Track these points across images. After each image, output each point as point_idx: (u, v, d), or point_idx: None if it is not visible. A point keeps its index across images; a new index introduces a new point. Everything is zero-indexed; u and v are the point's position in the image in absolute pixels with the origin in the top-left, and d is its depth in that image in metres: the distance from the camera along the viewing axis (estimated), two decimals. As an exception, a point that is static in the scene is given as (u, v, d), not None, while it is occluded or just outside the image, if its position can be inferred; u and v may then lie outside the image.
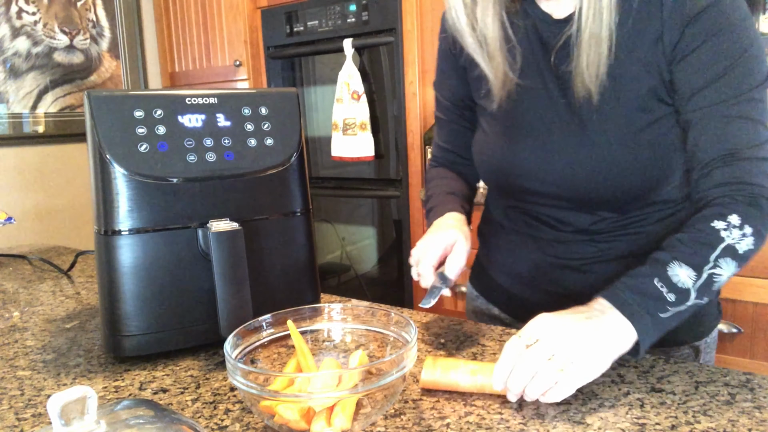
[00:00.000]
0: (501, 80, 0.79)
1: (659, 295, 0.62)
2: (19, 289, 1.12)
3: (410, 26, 2.11)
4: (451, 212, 0.84)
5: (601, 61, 0.71)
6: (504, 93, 0.80)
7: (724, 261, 0.63)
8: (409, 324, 0.61)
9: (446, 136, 0.97)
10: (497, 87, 0.80)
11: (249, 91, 0.78)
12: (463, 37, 0.80)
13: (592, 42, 0.71)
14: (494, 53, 0.78)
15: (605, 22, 0.70)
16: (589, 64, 0.72)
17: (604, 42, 0.71)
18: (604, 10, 0.69)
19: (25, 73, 2.48)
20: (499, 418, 0.57)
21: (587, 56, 0.71)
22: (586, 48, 0.71)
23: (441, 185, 0.93)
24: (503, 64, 0.78)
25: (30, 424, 0.60)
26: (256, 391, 0.52)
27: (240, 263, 0.70)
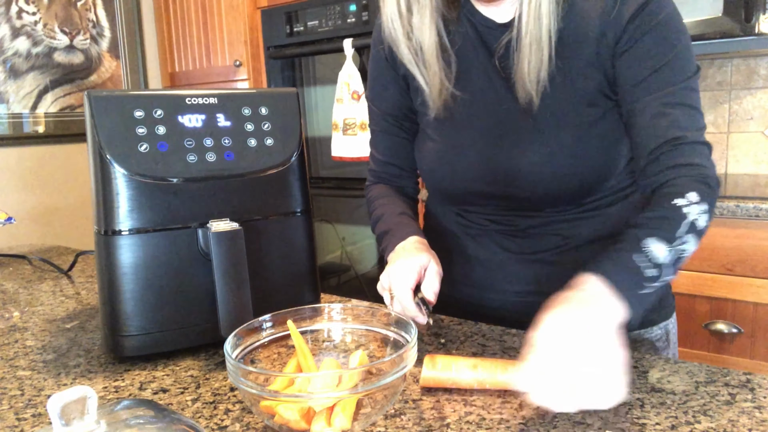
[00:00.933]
0: (437, 89, 0.80)
1: (638, 270, 0.63)
2: (19, 289, 1.12)
3: (410, 26, 2.11)
4: (412, 236, 0.81)
5: (542, 65, 0.73)
6: (440, 101, 0.81)
7: (688, 236, 0.65)
8: (409, 324, 0.61)
9: (385, 149, 0.95)
10: (434, 95, 0.81)
11: (249, 91, 0.78)
12: (398, 47, 0.81)
13: (533, 47, 0.73)
14: (430, 61, 0.79)
15: (545, 27, 0.72)
16: (530, 69, 0.73)
17: (545, 47, 0.73)
18: (543, 17, 0.72)
19: (25, 73, 2.48)
20: (499, 418, 0.57)
21: (528, 61, 0.73)
22: (527, 53, 0.73)
23: (388, 205, 0.91)
24: (439, 73, 0.79)
25: (30, 424, 0.60)
26: (256, 391, 0.52)
27: (240, 263, 0.70)
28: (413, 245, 0.79)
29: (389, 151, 0.95)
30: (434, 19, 0.78)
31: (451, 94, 0.81)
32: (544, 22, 0.72)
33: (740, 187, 1.78)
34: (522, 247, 0.84)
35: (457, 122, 0.82)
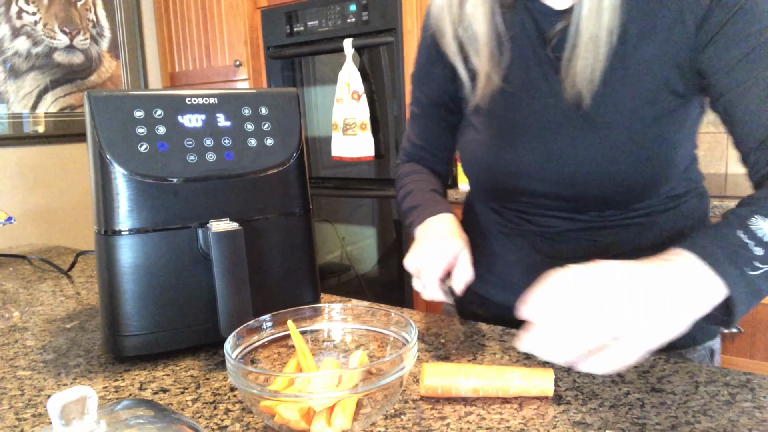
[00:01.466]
0: (485, 79, 0.77)
1: (745, 246, 0.55)
2: (19, 289, 1.12)
3: (410, 26, 2.11)
4: (444, 213, 0.80)
5: (597, 65, 0.69)
6: (487, 92, 0.78)
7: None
8: (409, 324, 0.61)
9: (420, 133, 0.94)
10: (480, 85, 0.78)
11: (249, 91, 0.78)
12: (443, 37, 0.79)
13: (589, 45, 0.68)
14: (483, 50, 0.75)
15: (605, 24, 0.67)
16: (584, 68, 0.69)
17: (602, 45, 0.68)
18: (605, 11, 0.67)
19: (25, 73, 2.48)
20: (499, 418, 0.57)
21: (583, 59, 0.69)
22: (582, 51, 0.69)
23: (419, 181, 0.90)
24: (490, 62, 0.76)
25: (30, 424, 0.60)
26: (257, 391, 0.52)
27: (240, 263, 0.70)
28: (445, 225, 0.77)
29: (424, 135, 0.93)
30: (489, 6, 0.74)
31: (497, 88, 0.77)
32: (605, 17, 0.66)
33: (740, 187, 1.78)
34: (556, 251, 0.81)
35: (502, 114, 0.79)
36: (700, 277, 0.53)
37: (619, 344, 0.49)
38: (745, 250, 0.55)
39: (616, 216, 0.77)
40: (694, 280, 0.53)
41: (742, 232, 0.56)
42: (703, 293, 0.53)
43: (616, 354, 0.49)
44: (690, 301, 0.52)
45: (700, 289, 0.53)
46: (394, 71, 2.19)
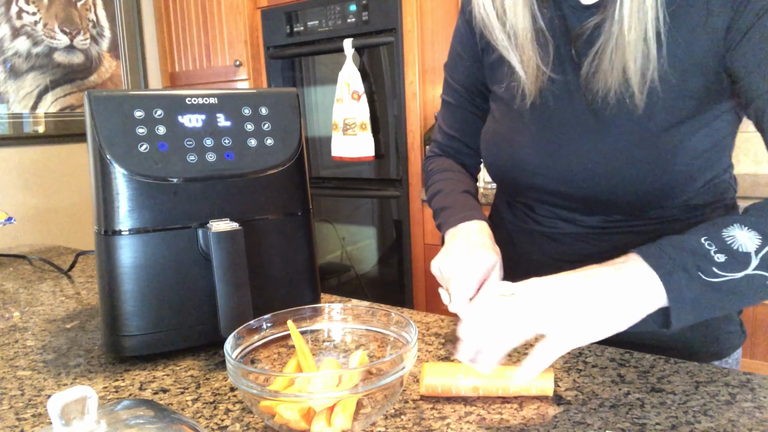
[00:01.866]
0: (533, 75, 0.73)
1: (704, 252, 0.54)
2: (19, 289, 1.12)
3: (410, 26, 2.11)
4: (477, 220, 0.77)
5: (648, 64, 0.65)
6: (536, 88, 0.74)
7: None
8: (409, 324, 0.61)
9: (453, 122, 0.91)
10: (529, 82, 0.74)
11: (249, 91, 0.78)
12: (492, 32, 0.75)
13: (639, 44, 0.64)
14: (524, 45, 0.72)
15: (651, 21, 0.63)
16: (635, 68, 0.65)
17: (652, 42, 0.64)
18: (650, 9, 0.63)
19: (25, 73, 2.48)
20: (500, 418, 0.57)
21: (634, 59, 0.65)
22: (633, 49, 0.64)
23: (451, 180, 0.87)
24: (534, 57, 0.72)
25: (30, 424, 0.60)
26: (257, 391, 0.52)
27: (240, 263, 0.70)
28: (479, 235, 0.74)
29: (457, 125, 0.91)
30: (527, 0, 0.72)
31: (549, 78, 0.73)
32: (650, 14, 0.63)
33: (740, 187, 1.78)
34: (560, 253, 0.80)
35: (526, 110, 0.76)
36: (641, 281, 0.54)
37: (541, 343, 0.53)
38: (704, 256, 0.54)
39: (625, 222, 0.76)
40: (633, 284, 0.54)
41: (706, 238, 0.55)
42: (640, 297, 0.54)
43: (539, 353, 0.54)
44: (623, 304, 0.54)
45: (636, 293, 0.54)
46: (394, 71, 2.19)
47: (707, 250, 0.54)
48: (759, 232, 0.54)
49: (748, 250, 0.54)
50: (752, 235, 0.54)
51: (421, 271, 2.22)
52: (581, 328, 0.54)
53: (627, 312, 0.54)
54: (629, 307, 0.54)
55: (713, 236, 0.55)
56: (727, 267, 0.53)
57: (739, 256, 0.54)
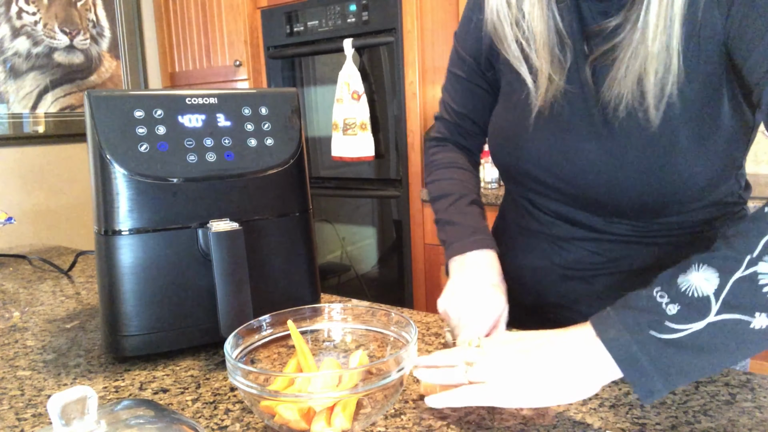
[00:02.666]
0: (544, 86, 0.70)
1: (654, 306, 0.48)
2: (19, 289, 1.12)
3: (410, 26, 2.11)
4: (486, 250, 0.74)
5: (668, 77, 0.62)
6: (547, 98, 0.71)
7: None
8: (409, 324, 0.61)
9: (463, 98, 0.86)
10: (540, 91, 0.71)
11: (249, 91, 0.78)
12: (504, 42, 0.73)
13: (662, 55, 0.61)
14: (540, 50, 0.69)
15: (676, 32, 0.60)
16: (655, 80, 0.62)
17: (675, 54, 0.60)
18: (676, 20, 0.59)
19: (25, 73, 2.48)
20: (500, 418, 0.57)
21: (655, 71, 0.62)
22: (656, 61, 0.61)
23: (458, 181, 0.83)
24: (548, 66, 0.69)
25: (30, 424, 0.60)
26: (257, 391, 0.52)
27: (240, 263, 0.70)
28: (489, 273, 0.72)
29: (467, 101, 0.85)
30: (545, 2, 0.68)
31: (560, 89, 0.70)
32: (677, 25, 0.59)
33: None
34: (563, 259, 0.79)
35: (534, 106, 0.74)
36: (586, 351, 0.50)
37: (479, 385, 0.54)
38: (654, 311, 0.48)
39: (629, 230, 0.74)
40: (578, 355, 0.51)
41: (659, 289, 0.49)
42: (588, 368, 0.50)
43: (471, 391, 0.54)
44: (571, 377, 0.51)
45: (583, 364, 0.50)
46: (394, 71, 2.19)
47: (658, 303, 0.48)
48: (718, 269, 0.46)
49: (705, 293, 0.46)
50: (709, 274, 0.47)
51: (421, 271, 2.22)
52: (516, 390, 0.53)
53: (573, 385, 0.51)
54: (577, 380, 0.50)
55: (666, 284, 0.48)
56: (681, 318, 0.46)
57: (694, 303, 0.46)
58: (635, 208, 0.71)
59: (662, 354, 0.47)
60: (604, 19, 0.67)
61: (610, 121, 0.68)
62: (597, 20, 0.68)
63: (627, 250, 0.75)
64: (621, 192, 0.69)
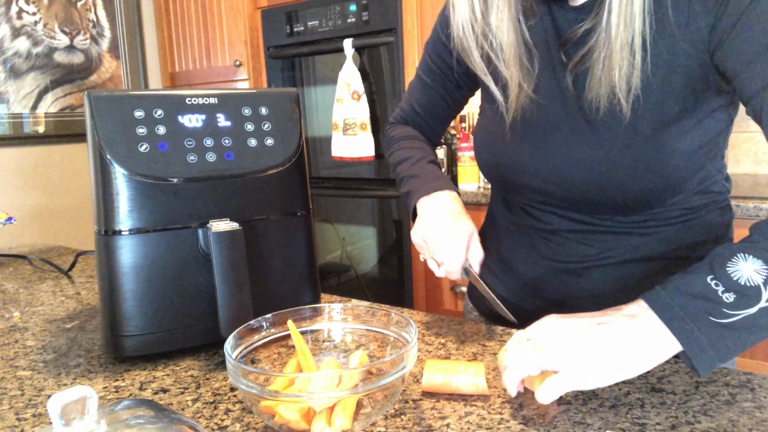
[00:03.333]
0: (514, 93, 0.73)
1: (712, 294, 0.53)
2: (19, 289, 1.12)
3: (410, 26, 2.11)
4: (449, 190, 0.81)
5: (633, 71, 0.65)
6: (518, 105, 0.74)
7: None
8: (409, 324, 0.61)
9: (422, 101, 0.92)
10: (511, 100, 0.74)
11: (249, 91, 0.78)
12: (470, 56, 0.76)
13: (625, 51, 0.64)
14: (510, 62, 0.72)
15: (638, 29, 0.63)
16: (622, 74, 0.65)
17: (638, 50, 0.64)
18: (636, 17, 0.62)
19: (25, 73, 2.48)
20: (500, 418, 0.57)
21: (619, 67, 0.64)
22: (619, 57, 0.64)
23: (417, 148, 0.89)
24: (519, 74, 0.72)
25: (30, 424, 0.60)
26: (257, 391, 0.52)
27: (240, 263, 0.70)
28: (454, 204, 0.78)
29: (425, 105, 0.93)
30: (513, 14, 0.70)
31: (529, 97, 0.73)
32: (637, 22, 0.63)
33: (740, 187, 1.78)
34: (555, 253, 0.80)
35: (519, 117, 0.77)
36: (653, 335, 0.55)
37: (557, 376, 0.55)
38: (713, 299, 0.53)
39: (618, 222, 0.76)
40: (644, 337, 0.55)
41: (713, 277, 0.54)
42: (653, 349, 0.55)
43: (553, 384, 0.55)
44: (634, 355, 0.55)
45: (648, 346, 0.55)
46: (394, 71, 2.19)
47: (714, 291, 0.53)
48: (764, 261, 0.53)
49: (756, 283, 0.52)
50: (758, 265, 0.53)
51: (421, 271, 2.22)
52: (590, 372, 0.55)
53: (638, 362, 0.55)
54: (641, 358, 0.55)
55: (719, 274, 0.54)
56: (738, 305, 0.52)
57: (748, 292, 0.52)
58: (622, 204, 0.73)
59: (720, 335, 0.53)
60: (574, 19, 0.70)
61: (592, 122, 0.70)
62: (568, 20, 0.71)
63: (617, 241, 0.77)
64: (608, 189, 0.71)
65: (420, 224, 0.78)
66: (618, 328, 0.56)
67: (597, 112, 0.69)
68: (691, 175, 0.70)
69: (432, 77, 0.90)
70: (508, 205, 0.87)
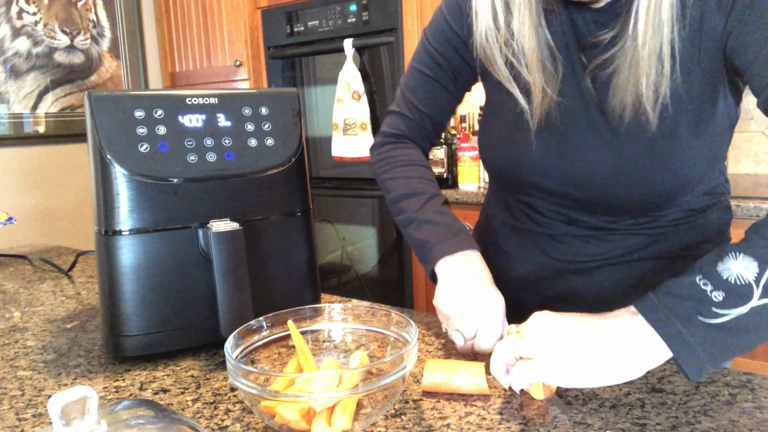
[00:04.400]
0: (539, 98, 0.71)
1: (700, 293, 0.51)
2: (19, 289, 1.12)
3: (411, 26, 2.11)
4: (473, 251, 0.74)
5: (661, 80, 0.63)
6: (542, 111, 0.72)
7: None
8: (409, 324, 0.61)
9: (426, 96, 0.84)
10: (535, 105, 0.71)
11: (249, 91, 0.78)
12: (494, 64, 0.74)
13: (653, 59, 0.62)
14: (532, 66, 0.70)
15: (666, 37, 0.61)
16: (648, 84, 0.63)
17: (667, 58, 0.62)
18: (665, 24, 0.61)
19: (25, 73, 2.48)
20: (500, 418, 0.57)
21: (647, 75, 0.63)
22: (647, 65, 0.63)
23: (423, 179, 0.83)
24: (542, 79, 0.70)
25: (30, 424, 0.60)
26: (257, 391, 0.52)
27: (240, 263, 0.70)
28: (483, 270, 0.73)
29: (430, 100, 0.84)
30: (534, 19, 0.68)
31: (554, 102, 0.71)
32: (666, 30, 0.61)
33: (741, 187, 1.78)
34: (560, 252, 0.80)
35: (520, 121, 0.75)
36: (640, 339, 0.53)
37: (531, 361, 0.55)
38: (701, 298, 0.51)
39: (626, 225, 0.76)
40: (632, 342, 0.53)
41: (701, 277, 0.52)
42: (641, 354, 0.53)
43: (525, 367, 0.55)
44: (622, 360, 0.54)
45: (636, 350, 0.53)
46: (395, 71, 2.19)
47: (703, 291, 0.51)
48: (756, 258, 0.51)
49: (747, 281, 0.50)
50: (749, 262, 0.51)
51: (422, 271, 2.22)
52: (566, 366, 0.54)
53: (623, 366, 0.54)
54: (625, 361, 0.54)
55: (708, 273, 0.52)
56: (727, 304, 0.50)
57: (738, 290, 0.50)
58: (636, 206, 0.72)
59: (710, 337, 0.51)
60: (599, 29, 0.68)
61: (615, 128, 0.69)
62: (593, 30, 0.69)
63: (625, 242, 0.77)
64: (625, 193, 0.70)
65: (448, 292, 0.71)
66: (603, 329, 0.55)
67: (621, 117, 0.68)
68: (702, 178, 0.69)
69: (435, 68, 0.83)
70: (512, 211, 0.85)
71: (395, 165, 0.86)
